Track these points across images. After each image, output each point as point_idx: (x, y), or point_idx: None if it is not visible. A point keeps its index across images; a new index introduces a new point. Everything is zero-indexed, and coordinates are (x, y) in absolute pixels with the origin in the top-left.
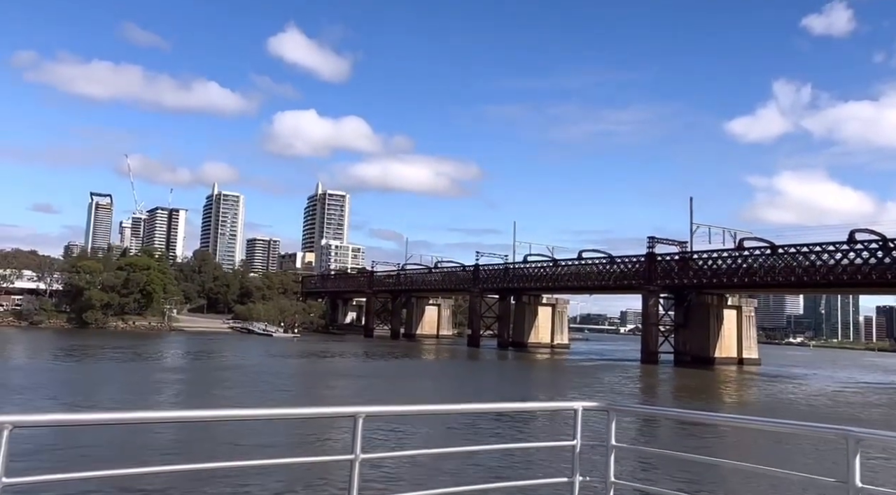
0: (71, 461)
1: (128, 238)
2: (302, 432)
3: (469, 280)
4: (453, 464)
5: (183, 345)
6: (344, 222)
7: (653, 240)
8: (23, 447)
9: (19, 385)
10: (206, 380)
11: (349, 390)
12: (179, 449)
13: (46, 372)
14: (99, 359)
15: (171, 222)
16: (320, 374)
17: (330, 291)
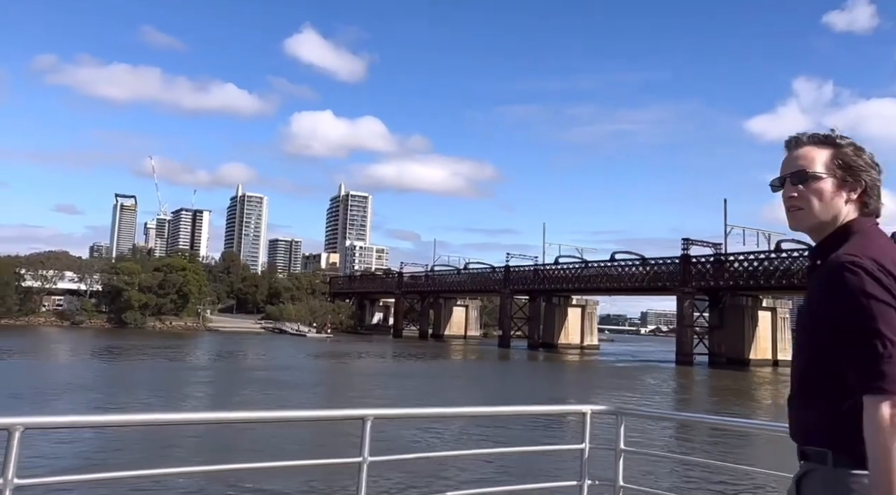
0: (84, 462)
1: (152, 239)
2: (313, 434)
3: (499, 281)
4: (461, 467)
5: (222, 344)
6: (367, 223)
7: (687, 241)
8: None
9: (71, 384)
10: (261, 382)
11: (405, 390)
12: (192, 451)
13: (92, 371)
14: (145, 358)
15: (195, 223)
16: (369, 375)
17: (357, 292)
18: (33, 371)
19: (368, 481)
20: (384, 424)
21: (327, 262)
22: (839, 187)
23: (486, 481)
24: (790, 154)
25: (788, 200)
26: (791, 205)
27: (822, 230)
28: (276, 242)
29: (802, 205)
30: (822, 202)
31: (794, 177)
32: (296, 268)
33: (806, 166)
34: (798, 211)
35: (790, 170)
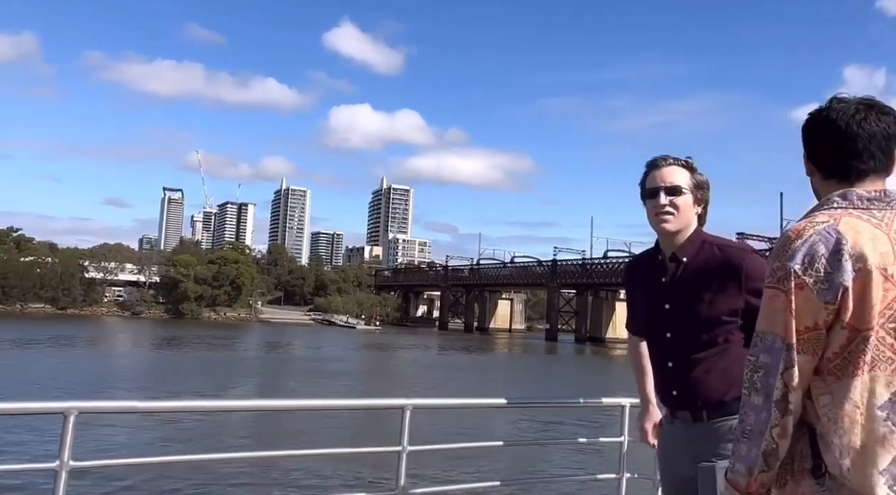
0: (136, 447)
1: (199, 231)
2: (358, 422)
3: (546, 275)
4: (499, 458)
5: (276, 335)
6: (408, 216)
7: (742, 235)
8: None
9: (136, 372)
10: (318, 372)
11: (456, 382)
12: (239, 437)
13: (156, 360)
14: (205, 348)
15: (241, 216)
16: (420, 366)
17: (403, 285)
18: (99, 359)
19: (408, 470)
20: (424, 414)
21: (370, 255)
22: (694, 202)
23: (525, 472)
24: (660, 171)
25: (662, 208)
26: (665, 212)
27: (680, 235)
28: (318, 235)
29: (674, 212)
30: (686, 212)
31: (669, 191)
32: (337, 260)
33: (676, 182)
34: (668, 215)
35: (665, 185)
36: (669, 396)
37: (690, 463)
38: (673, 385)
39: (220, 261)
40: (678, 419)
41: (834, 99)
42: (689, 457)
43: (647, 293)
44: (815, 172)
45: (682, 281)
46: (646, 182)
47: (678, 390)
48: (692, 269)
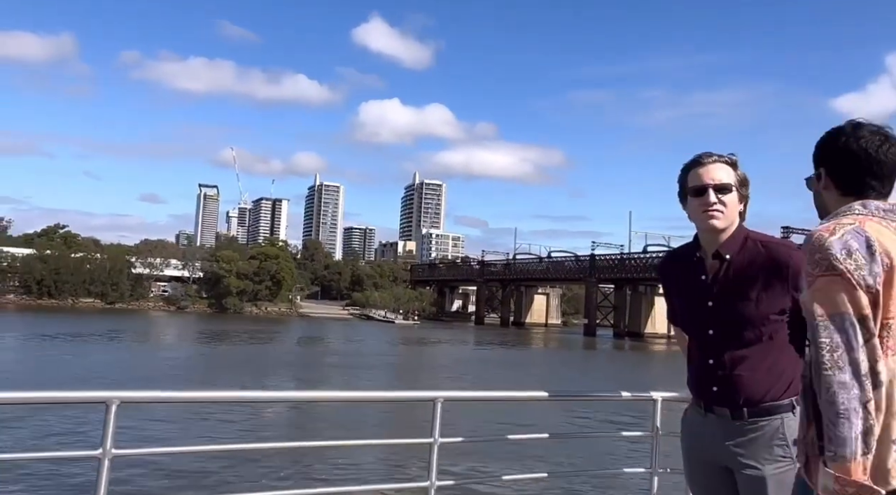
0: (176, 436)
1: (234, 227)
2: (386, 415)
3: (584, 270)
4: (530, 450)
5: (318, 330)
6: (441, 211)
7: (787, 229)
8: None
9: (189, 365)
10: (362, 366)
11: (513, 376)
12: (276, 427)
13: (208, 353)
14: (252, 342)
15: (275, 212)
16: (472, 361)
17: (438, 279)
18: (151, 352)
19: (439, 461)
20: (458, 407)
21: (404, 250)
22: (739, 200)
23: (555, 465)
24: (706, 168)
25: (711, 206)
26: (716, 210)
27: (724, 232)
28: (351, 230)
29: (723, 211)
30: (733, 210)
31: (719, 189)
32: (369, 255)
33: (724, 179)
34: (720, 213)
35: (714, 182)
36: (708, 391)
37: (725, 458)
38: (713, 381)
39: (260, 257)
40: (715, 414)
41: (856, 125)
42: (724, 453)
43: (687, 291)
44: (831, 188)
45: (726, 279)
46: (687, 179)
47: (718, 386)
48: (736, 267)
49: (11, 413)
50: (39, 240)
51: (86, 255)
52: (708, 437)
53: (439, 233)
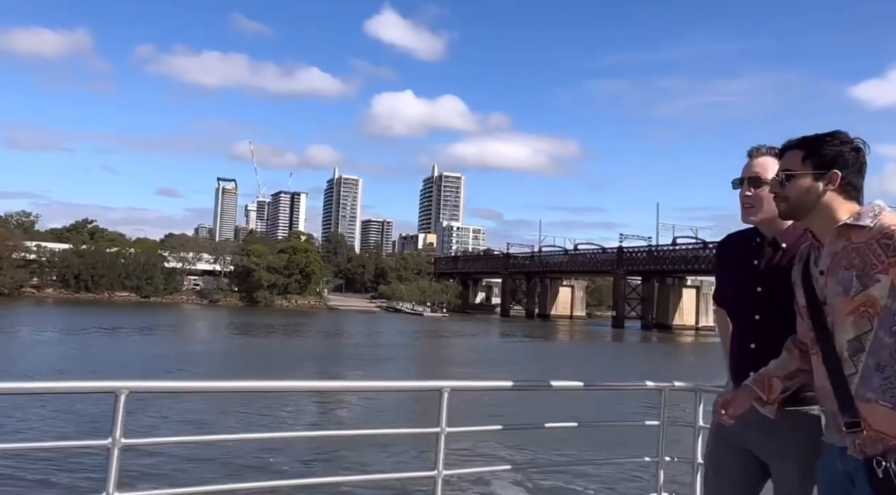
0: (186, 426)
1: (253, 221)
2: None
3: (611, 262)
4: (539, 440)
5: (352, 323)
6: (459, 203)
7: None
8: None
9: (231, 357)
10: (410, 358)
11: (567, 369)
12: (288, 416)
13: (253, 346)
14: (291, 334)
15: (293, 205)
16: (517, 354)
17: (461, 272)
18: (198, 344)
19: (446, 450)
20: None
21: (424, 243)
22: None
23: (563, 454)
24: (752, 161)
25: (744, 199)
26: (747, 203)
27: (779, 222)
28: (369, 223)
29: (755, 204)
30: (772, 203)
31: (752, 181)
32: (387, 248)
33: (760, 173)
34: (750, 207)
35: (748, 175)
36: (746, 376)
37: (755, 445)
38: (752, 366)
39: (290, 251)
40: None
41: (860, 139)
42: (755, 439)
43: (739, 274)
44: (839, 191)
45: (780, 267)
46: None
47: (756, 371)
48: (792, 256)
49: (24, 402)
50: (69, 235)
51: (121, 250)
52: (742, 423)
53: (459, 225)
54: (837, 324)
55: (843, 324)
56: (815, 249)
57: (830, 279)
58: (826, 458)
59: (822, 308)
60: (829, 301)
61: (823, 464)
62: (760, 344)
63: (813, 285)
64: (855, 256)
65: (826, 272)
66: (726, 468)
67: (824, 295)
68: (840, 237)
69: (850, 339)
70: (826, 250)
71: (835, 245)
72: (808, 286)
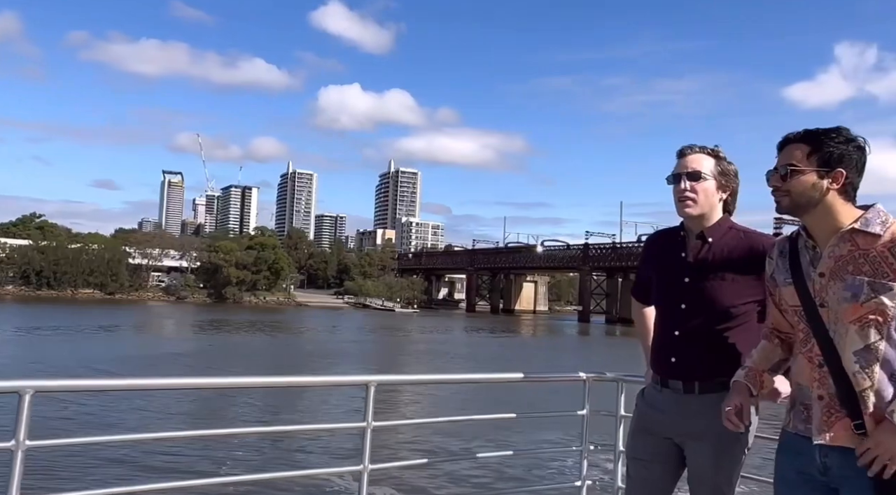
0: (93, 426)
1: (201, 215)
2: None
3: (577, 258)
4: (465, 432)
5: (329, 318)
6: (416, 199)
7: (781, 220)
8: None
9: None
10: (398, 354)
11: (563, 362)
12: (199, 415)
13: (232, 344)
14: (272, 331)
15: (245, 200)
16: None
17: (425, 268)
18: (176, 344)
19: (372, 446)
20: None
21: (383, 238)
22: (718, 188)
23: (490, 445)
24: (686, 158)
25: (682, 194)
26: (685, 197)
27: (706, 219)
28: (322, 218)
29: (693, 198)
30: (707, 197)
31: (690, 176)
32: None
33: (699, 169)
34: (688, 200)
35: (687, 170)
36: (666, 363)
37: (674, 431)
38: (674, 353)
39: (257, 247)
40: (668, 388)
41: (864, 139)
42: (673, 426)
43: (667, 266)
44: (841, 191)
45: (706, 259)
46: (674, 169)
47: (677, 358)
48: (717, 249)
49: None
50: (16, 230)
51: (84, 246)
52: (660, 411)
53: (417, 221)
54: (838, 331)
55: (846, 331)
56: (807, 249)
57: (835, 283)
58: (787, 447)
59: (819, 310)
60: (830, 305)
61: (784, 453)
62: (684, 331)
63: (806, 285)
64: (864, 262)
65: (827, 275)
66: (648, 457)
67: (822, 297)
68: (844, 241)
69: (858, 350)
70: (827, 252)
71: (838, 248)
72: (801, 286)
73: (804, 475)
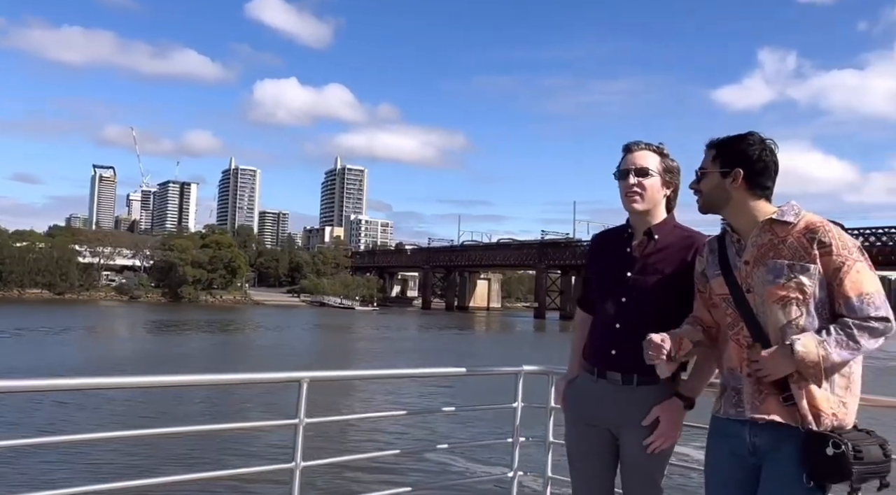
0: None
1: (136, 211)
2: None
3: (533, 256)
4: (400, 427)
5: (293, 317)
6: (363, 196)
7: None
8: None
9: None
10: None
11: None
12: (128, 415)
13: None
14: (222, 332)
15: (183, 195)
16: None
17: (379, 266)
18: (163, 345)
19: (305, 442)
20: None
21: (331, 236)
22: (663, 185)
23: (425, 439)
24: (632, 154)
25: (630, 188)
26: (634, 192)
27: (651, 216)
28: (265, 215)
29: (641, 193)
30: (653, 193)
31: (638, 172)
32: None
33: (646, 165)
34: (637, 196)
35: (634, 167)
36: (606, 355)
37: (611, 421)
38: (614, 345)
39: (213, 246)
40: (606, 379)
41: (764, 138)
42: (611, 416)
43: (611, 261)
44: (743, 188)
45: (650, 255)
46: (620, 164)
47: (617, 349)
48: (661, 246)
49: None
50: None
51: (30, 244)
52: (597, 402)
53: (367, 218)
54: (765, 311)
55: (771, 310)
56: (734, 242)
57: (758, 268)
58: (718, 431)
59: (746, 295)
60: (755, 289)
61: (715, 437)
62: (624, 324)
63: (734, 275)
64: (783, 248)
65: (751, 262)
66: (588, 448)
67: (749, 283)
68: (765, 231)
69: (782, 325)
70: (750, 242)
71: (759, 237)
72: (728, 276)
73: (734, 457)
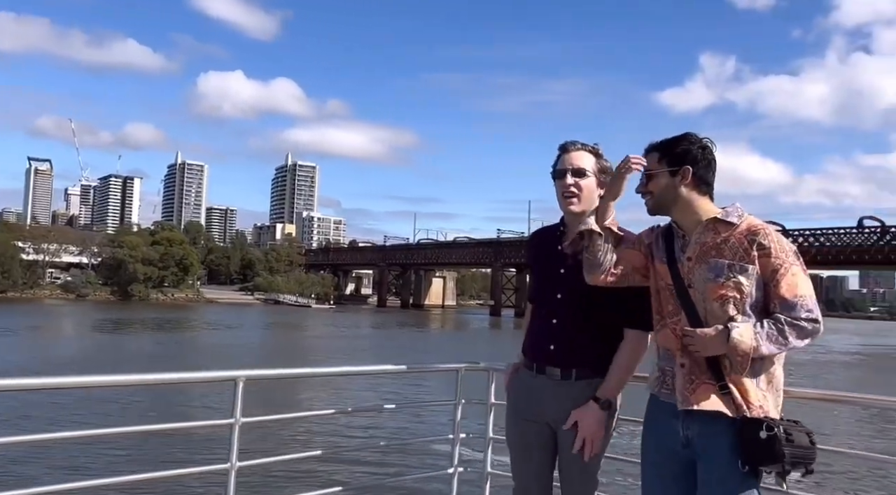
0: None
1: (75, 206)
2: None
3: (490, 255)
4: (339, 425)
5: (251, 316)
6: (315, 193)
7: None
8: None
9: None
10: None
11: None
12: (57, 417)
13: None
14: (202, 331)
15: (126, 190)
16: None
17: (333, 263)
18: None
19: (240, 443)
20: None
21: (283, 233)
22: (598, 185)
23: (365, 437)
24: (569, 155)
25: (568, 188)
26: (571, 193)
27: (585, 215)
28: (211, 211)
29: (578, 194)
30: (589, 194)
31: (576, 173)
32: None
33: (583, 166)
34: (574, 197)
35: (571, 167)
36: (545, 350)
37: (550, 416)
38: (552, 340)
39: (164, 242)
40: (545, 374)
41: (707, 138)
42: (550, 411)
43: (546, 258)
44: (692, 186)
45: (581, 251)
46: (556, 164)
47: (556, 345)
48: None
49: None
50: None
51: None
52: (536, 397)
53: (319, 216)
54: (704, 307)
55: (710, 307)
56: (678, 237)
57: (700, 265)
58: (652, 421)
59: (687, 289)
60: (696, 285)
61: (649, 429)
62: (560, 319)
63: (678, 267)
64: (724, 248)
65: (694, 259)
66: (528, 443)
67: (690, 278)
68: (708, 230)
69: (719, 321)
70: (694, 239)
71: (703, 236)
72: (672, 267)
73: (668, 450)
